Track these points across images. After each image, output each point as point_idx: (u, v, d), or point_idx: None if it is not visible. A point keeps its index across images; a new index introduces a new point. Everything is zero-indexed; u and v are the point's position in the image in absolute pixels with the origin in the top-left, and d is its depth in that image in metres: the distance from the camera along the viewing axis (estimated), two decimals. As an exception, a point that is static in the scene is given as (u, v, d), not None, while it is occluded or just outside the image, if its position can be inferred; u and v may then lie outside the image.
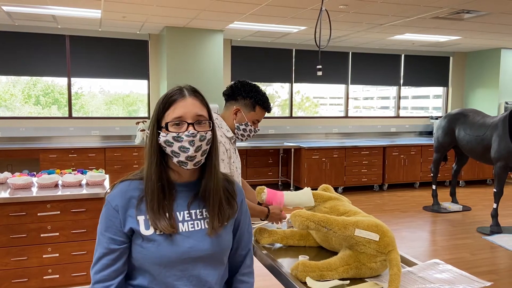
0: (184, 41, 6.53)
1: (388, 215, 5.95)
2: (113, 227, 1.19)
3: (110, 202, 1.21)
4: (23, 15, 5.67)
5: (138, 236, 1.19)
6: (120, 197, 1.21)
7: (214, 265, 1.27)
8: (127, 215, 1.20)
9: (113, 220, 1.20)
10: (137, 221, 1.19)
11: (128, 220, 1.19)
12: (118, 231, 1.19)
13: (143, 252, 1.18)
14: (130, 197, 1.21)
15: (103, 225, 1.21)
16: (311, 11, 5.28)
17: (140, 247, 1.19)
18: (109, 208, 1.21)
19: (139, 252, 1.19)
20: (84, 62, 6.82)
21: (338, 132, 8.32)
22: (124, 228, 1.19)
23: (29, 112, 6.90)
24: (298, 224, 1.69)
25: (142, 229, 1.19)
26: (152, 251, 1.18)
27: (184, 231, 1.22)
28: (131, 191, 1.22)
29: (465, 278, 1.69)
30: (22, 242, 3.06)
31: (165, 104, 1.23)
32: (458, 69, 9.08)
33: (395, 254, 1.63)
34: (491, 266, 4.13)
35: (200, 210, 1.27)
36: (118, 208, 1.20)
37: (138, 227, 1.19)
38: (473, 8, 5.09)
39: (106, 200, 1.22)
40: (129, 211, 1.20)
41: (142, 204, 1.20)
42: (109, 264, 1.19)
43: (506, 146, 5.01)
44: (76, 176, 3.38)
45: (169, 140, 1.20)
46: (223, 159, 1.94)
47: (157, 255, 1.18)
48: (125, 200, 1.21)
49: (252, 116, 2.05)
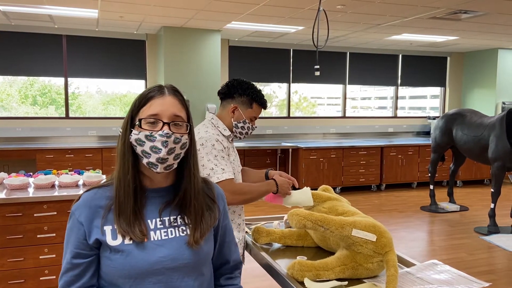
0: (182, 41, 6.52)
1: (385, 215, 5.95)
2: (76, 240, 1.11)
3: (74, 213, 1.13)
4: (20, 14, 5.65)
5: (105, 248, 1.10)
6: (85, 207, 1.13)
7: (192, 276, 1.16)
8: (92, 226, 1.11)
9: (76, 232, 1.11)
10: (103, 232, 1.10)
11: (93, 231, 1.10)
12: (81, 244, 1.11)
13: (111, 264, 1.09)
14: (95, 207, 1.13)
15: (67, 238, 1.14)
16: (309, 11, 5.27)
17: (108, 260, 1.10)
18: (73, 220, 1.13)
19: (107, 265, 1.10)
20: (81, 62, 6.80)
21: (336, 132, 8.32)
22: (89, 239, 1.10)
23: (26, 112, 6.88)
24: (295, 223, 1.69)
25: (109, 240, 1.09)
26: (120, 263, 1.08)
27: (155, 240, 1.12)
28: (97, 200, 1.14)
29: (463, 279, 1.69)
30: (18, 243, 3.04)
31: (142, 100, 1.14)
32: (455, 69, 9.09)
33: (392, 255, 1.62)
34: (489, 266, 4.14)
35: (175, 218, 1.18)
36: (82, 219, 1.11)
37: (104, 237, 1.10)
38: (471, 8, 5.10)
39: (71, 211, 1.14)
40: (94, 221, 1.11)
41: (110, 213, 1.12)
42: (73, 281, 1.10)
43: (504, 146, 5.01)
44: (73, 176, 3.36)
45: (141, 138, 1.12)
46: (223, 156, 1.93)
47: (126, 267, 1.08)
48: (90, 210, 1.12)
49: (249, 113, 2.05)
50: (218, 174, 1.89)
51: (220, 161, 1.91)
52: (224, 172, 1.90)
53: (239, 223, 2.07)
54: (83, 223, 1.11)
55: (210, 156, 1.91)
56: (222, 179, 1.89)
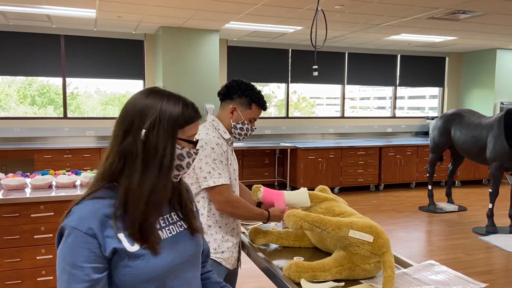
0: (180, 41, 6.51)
1: (384, 215, 5.95)
2: (91, 255, 1.03)
3: (77, 228, 1.03)
4: (18, 14, 5.63)
5: (122, 256, 1.05)
6: (93, 218, 1.05)
7: (195, 266, 1.23)
8: (104, 236, 1.04)
9: (88, 247, 1.03)
10: (119, 240, 1.06)
11: (108, 242, 1.04)
12: (97, 257, 1.03)
13: (132, 271, 1.06)
14: (102, 216, 1.06)
15: (74, 256, 1.02)
16: (307, 11, 5.27)
17: (127, 267, 1.06)
18: (79, 235, 1.03)
19: (126, 273, 1.06)
20: (79, 62, 6.79)
21: (335, 132, 8.32)
22: (105, 251, 1.04)
23: (24, 112, 6.87)
24: (292, 224, 1.68)
25: (128, 246, 1.06)
26: (142, 267, 1.06)
27: (165, 238, 1.14)
28: (101, 210, 1.07)
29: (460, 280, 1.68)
30: (15, 244, 3.03)
31: (187, 119, 1.15)
32: (454, 70, 9.10)
33: (389, 256, 1.62)
34: (487, 266, 4.14)
35: (170, 215, 1.20)
36: (94, 231, 1.04)
37: (122, 245, 1.05)
38: (469, 8, 5.10)
39: (68, 228, 1.04)
40: (105, 231, 1.05)
41: (118, 221, 1.07)
42: None
43: (502, 146, 5.01)
44: (70, 177, 3.35)
45: (183, 154, 1.15)
46: (221, 161, 1.93)
47: (148, 270, 1.07)
48: (99, 221, 1.05)
49: (248, 115, 2.04)
50: (214, 178, 1.89)
51: (218, 165, 1.91)
52: (220, 177, 1.90)
53: (234, 227, 2.05)
54: (95, 235, 1.03)
55: (208, 159, 1.90)
56: (218, 183, 1.89)
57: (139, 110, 1.11)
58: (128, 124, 1.11)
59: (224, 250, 1.98)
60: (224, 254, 1.98)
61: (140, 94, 1.16)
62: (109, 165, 1.11)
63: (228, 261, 2.00)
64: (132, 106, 1.13)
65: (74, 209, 1.08)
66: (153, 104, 1.12)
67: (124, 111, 1.14)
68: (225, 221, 2.01)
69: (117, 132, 1.13)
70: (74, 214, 1.06)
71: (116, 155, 1.10)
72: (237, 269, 2.14)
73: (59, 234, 1.07)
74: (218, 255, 1.97)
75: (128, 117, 1.12)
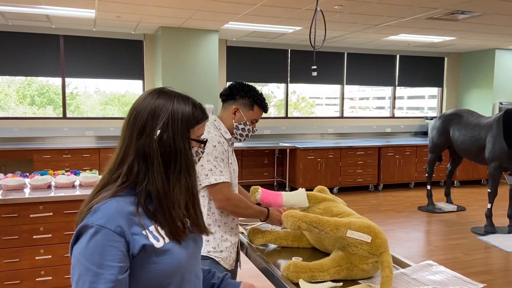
0: (179, 41, 6.52)
1: (383, 215, 5.96)
2: (119, 254, 1.01)
3: (105, 226, 1.02)
4: (17, 14, 5.63)
5: (150, 253, 1.05)
6: (119, 216, 1.04)
7: (199, 261, 1.25)
8: (131, 234, 1.04)
9: (116, 245, 1.01)
10: (146, 236, 1.06)
11: (136, 239, 1.04)
12: (124, 257, 1.02)
13: (157, 267, 1.06)
14: (128, 214, 1.06)
15: (102, 255, 1.00)
16: (306, 12, 5.28)
17: (153, 264, 1.06)
18: (107, 234, 1.01)
19: (152, 269, 1.06)
20: (78, 62, 6.79)
21: (334, 133, 8.33)
22: (134, 249, 1.03)
23: (24, 112, 6.86)
24: (290, 224, 1.69)
25: (155, 243, 1.06)
26: (167, 262, 1.07)
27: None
28: (126, 207, 1.07)
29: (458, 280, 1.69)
30: (14, 244, 3.04)
31: (197, 119, 1.17)
32: (452, 70, 9.11)
33: (387, 256, 1.62)
34: (486, 266, 4.14)
35: None
36: (122, 229, 1.03)
37: (150, 242, 1.06)
38: (468, 9, 5.10)
39: (94, 226, 1.01)
40: (132, 229, 1.04)
41: (142, 218, 1.08)
42: None
43: (501, 146, 5.02)
44: (69, 177, 3.35)
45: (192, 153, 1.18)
46: (223, 159, 1.94)
47: (173, 265, 1.08)
48: (126, 219, 1.04)
49: (250, 116, 2.07)
50: (216, 175, 1.91)
51: (219, 163, 1.93)
52: (222, 174, 1.92)
53: (232, 226, 2.06)
54: (123, 233, 1.02)
55: (210, 157, 1.92)
56: (219, 181, 1.91)
57: (151, 111, 1.12)
58: (141, 125, 1.11)
59: (222, 249, 1.99)
60: (223, 254, 1.99)
61: (149, 95, 1.16)
62: (128, 169, 1.10)
63: (226, 260, 2.00)
64: (143, 107, 1.13)
65: (98, 208, 1.05)
66: (164, 104, 1.13)
67: (134, 112, 1.14)
68: (224, 220, 2.02)
69: (130, 133, 1.13)
70: (100, 212, 1.04)
71: (133, 157, 1.10)
72: (236, 270, 2.14)
73: (78, 233, 1.04)
74: (217, 254, 1.97)
75: (141, 118, 1.12)
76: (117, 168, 1.12)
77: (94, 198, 1.09)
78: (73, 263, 1.02)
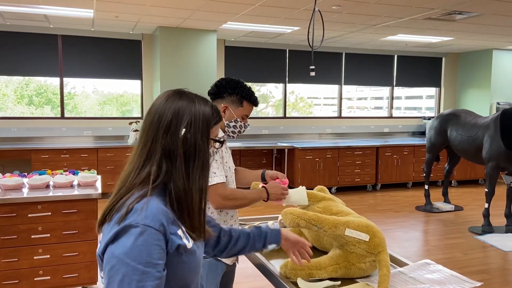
0: (178, 41, 6.52)
1: (381, 215, 5.97)
2: (161, 252, 1.06)
3: (150, 225, 1.04)
4: (15, 14, 5.63)
5: (181, 252, 1.10)
6: (162, 215, 1.08)
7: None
8: (168, 233, 1.08)
9: (160, 244, 1.05)
10: (181, 236, 1.11)
11: (173, 239, 1.09)
12: (165, 254, 1.07)
13: (186, 266, 1.12)
14: (167, 214, 1.10)
15: (150, 254, 1.03)
16: (304, 12, 5.29)
17: (182, 263, 1.11)
18: (153, 233, 1.04)
19: (182, 268, 1.11)
20: (76, 62, 6.78)
21: (332, 133, 8.34)
22: (171, 248, 1.08)
23: (21, 112, 6.85)
24: (289, 221, 1.70)
25: (186, 243, 1.12)
26: (193, 262, 1.14)
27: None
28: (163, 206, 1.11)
29: (455, 279, 1.70)
30: (12, 244, 3.04)
31: (215, 119, 1.24)
32: (450, 70, 9.13)
33: (384, 255, 1.63)
34: (483, 266, 4.16)
35: None
36: (164, 228, 1.07)
37: (183, 242, 1.11)
38: (465, 9, 5.12)
39: (140, 226, 1.04)
40: (171, 228, 1.09)
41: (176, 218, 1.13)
42: None
43: (498, 146, 5.04)
44: (68, 176, 3.35)
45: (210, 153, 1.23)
46: (216, 159, 1.93)
47: (196, 265, 1.16)
48: (166, 218, 1.09)
49: (240, 112, 2.04)
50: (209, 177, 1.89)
51: (212, 164, 1.91)
52: (215, 175, 1.89)
53: (232, 224, 2.06)
54: (165, 232, 1.07)
55: None
56: (212, 183, 1.88)
57: (175, 111, 1.16)
58: (166, 124, 1.14)
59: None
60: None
61: (171, 97, 1.19)
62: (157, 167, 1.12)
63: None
64: (167, 108, 1.16)
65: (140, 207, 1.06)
66: (187, 105, 1.18)
67: (158, 113, 1.16)
68: (224, 219, 2.02)
69: (154, 132, 1.15)
70: (142, 211, 1.05)
71: (160, 154, 1.13)
72: (235, 266, 2.15)
73: (118, 232, 1.04)
74: None
75: (165, 118, 1.15)
76: (143, 167, 1.14)
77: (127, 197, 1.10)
78: (113, 264, 1.02)
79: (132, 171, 1.14)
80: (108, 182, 6.41)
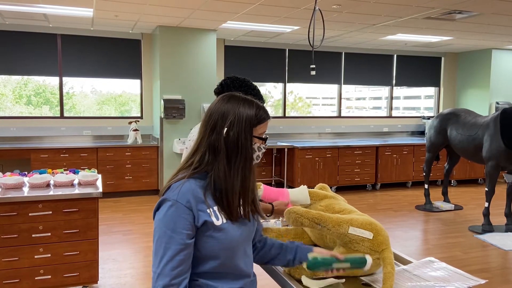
0: (177, 40, 6.51)
1: (380, 214, 5.98)
2: (187, 224, 1.30)
3: (179, 201, 1.31)
4: (14, 13, 5.61)
5: (209, 227, 1.32)
6: (189, 195, 1.32)
7: (251, 241, 1.48)
8: (197, 210, 1.32)
9: (185, 217, 1.30)
10: (209, 214, 1.33)
11: (201, 215, 1.32)
12: (192, 226, 1.30)
13: (213, 240, 1.33)
14: (197, 194, 1.34)
15: (175, 223, 1.29)
16: (305, 11, 5.28)
17: (210, 237, 1.32)
18: (179, 207, 1.30)
19: (209, 241, 1.33)
20: (76, 61, 6.77)
21: (331, 132, 8.35)
22: (198, 222, 1.31)
23: (20, 112, 6.83)
24: (292, 220, 1.69)
25: (215, 221, 1.33)
26: (224, 238, 1.33)
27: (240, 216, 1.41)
28: (197, 188, 1.35)
29: (460, 276, 1.70)
30: (13, 243, 3.03)
31: (259, 119, 1.40)
32: (449, 70, 9.15)
33: (388, 253, 1.63)
34: (483, 265, 4.16)
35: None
36: (191, 204, 1.31)
37: (211, 219, 1.33)
38: (465, 8, 5.13)
39: (171, 200, 1.31)
40: (198, 206, 1.32)
41: (208, 199, 1.35)
42: (185, 259, 1.30)
43: (498, 145, 5.05)
44: (68, 176, 3.34)
45: (255, 148, 1.41)
46: None
47: (227, 241, 1.34)
48: (195, 197, 1.33)
49: None
50: None
51: None
52: None
53: None
54: (191, 208, 1.30)
55: None
56: None
57: (221, 113, 1.38)
58: (213, 124, 1.37)
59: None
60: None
61: (221, 100, 1.41)
62: (200, 157, 1.37)
63: None
64: (216, 109, 1.39)
65: (175, 186, 1.34)
66: (232, 108, 1.38)
67: (209, 113, 1.40)
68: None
69: (204, 130, 1.39)
70: (176, 189, 1.33)
71: (205, 149, 1.37)
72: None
73: (159, 204, 1.34)
74: None
75: (213, 118, 1.38)
76: (191, 156, 1.40)
77: (173, 178, 1.39)
78: (155, 226, 1.33)
79: (185, 159, 1.42)
80: (108, 181, 6.41)
